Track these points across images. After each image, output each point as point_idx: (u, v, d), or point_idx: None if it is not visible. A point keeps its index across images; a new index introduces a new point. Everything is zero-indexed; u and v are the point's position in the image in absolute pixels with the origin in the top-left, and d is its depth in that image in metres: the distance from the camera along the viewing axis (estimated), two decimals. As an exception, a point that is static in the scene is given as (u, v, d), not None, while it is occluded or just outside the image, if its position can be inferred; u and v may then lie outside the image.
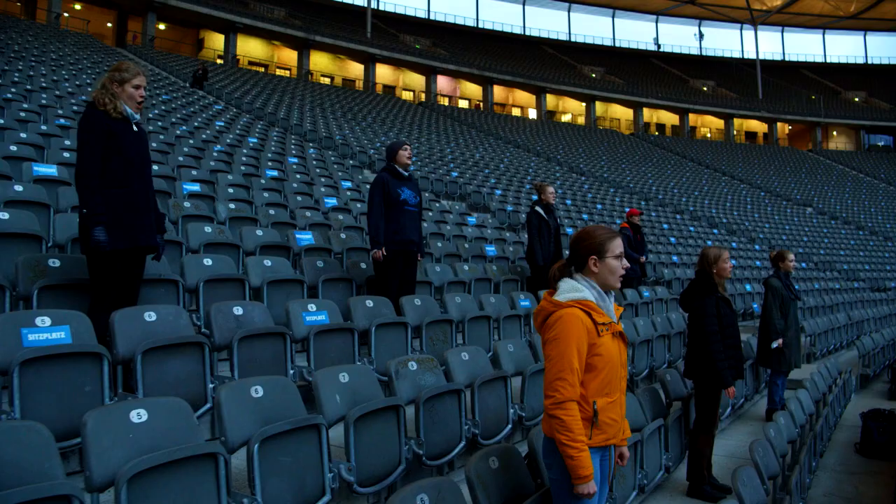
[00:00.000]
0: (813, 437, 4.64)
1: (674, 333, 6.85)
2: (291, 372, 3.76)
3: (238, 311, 3.87)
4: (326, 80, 41.79)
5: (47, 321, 3.09)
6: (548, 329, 2.44)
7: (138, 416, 2.40)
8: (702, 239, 17.97)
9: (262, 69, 39.58)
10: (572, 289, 2.48)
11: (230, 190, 7.91)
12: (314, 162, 12.85)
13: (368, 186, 11.46)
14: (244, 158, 10.97)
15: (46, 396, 2.75)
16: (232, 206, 6.90)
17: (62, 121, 10.16)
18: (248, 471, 2.50)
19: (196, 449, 2.30)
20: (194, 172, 8.53)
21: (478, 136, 31.02)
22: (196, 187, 7.55)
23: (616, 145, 38.58)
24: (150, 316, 3.44)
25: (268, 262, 5.09)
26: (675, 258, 13.49)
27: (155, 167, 8.21)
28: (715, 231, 20.54)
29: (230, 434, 2.64)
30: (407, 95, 44.45)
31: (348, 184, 11.05)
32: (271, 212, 7.19)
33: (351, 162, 14.86)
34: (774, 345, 6.28)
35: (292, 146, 14.60)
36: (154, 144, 10.01)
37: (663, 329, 6.82)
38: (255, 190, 8.52)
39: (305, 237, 6.32)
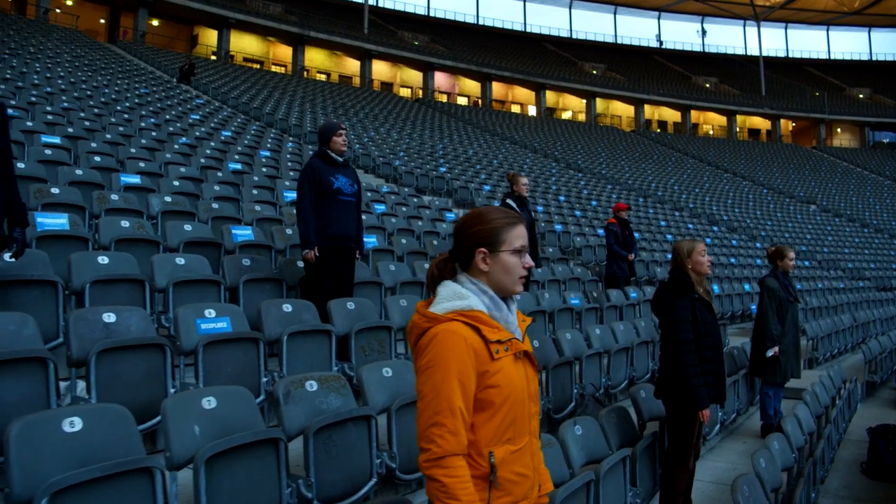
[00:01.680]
0: (812, 463, 3.94)
1: (658, 339, 6.14)
2: (172, 391, 3.08)
3: (109, 317, 3.19)
4: (323, 77, 41.19)
5: None
6: (419, 353, 1.74)
7: None
8: (700, 237, 17.23)
9: (258, 66, 39.03)
10: (454, 295, 1.77)
11: (176, 183, 7.24)
12: (289, 156, 12.17)
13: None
14: (208, 151, 10.31)
15: None
16: (168, 199, 6.22)
17: (11, 111, 9.52)
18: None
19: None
20: (142, 164, 7.86)
21: (474, 132, 30.30)
22: (136, 179, 6.88)
23: (616, 142, 37.83)
24: (-20, 326, 2.76)
25: (180, 261, 4.41)
26: (670, 256, 12.75)
27: (97, 158, 7.61)
28: (715, 228, 19.82)
29: (17, 484, 1.96)
30: (405, 92, 43.75)
31: (319, 177, 10.35)
32: (215, 206, 6.51)
33: (330, 156, 14.14)
34: (769, 353, 5.57)
35: (269, 140, 13.94)
36: (108, 136, 9.38)
37: (647, 334, 6.13)
38: (208, 183, 7.85)
39: (243, 233, 5.64)
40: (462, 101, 46.13)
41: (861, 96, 54.00)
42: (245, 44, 40.43)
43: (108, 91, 14.99)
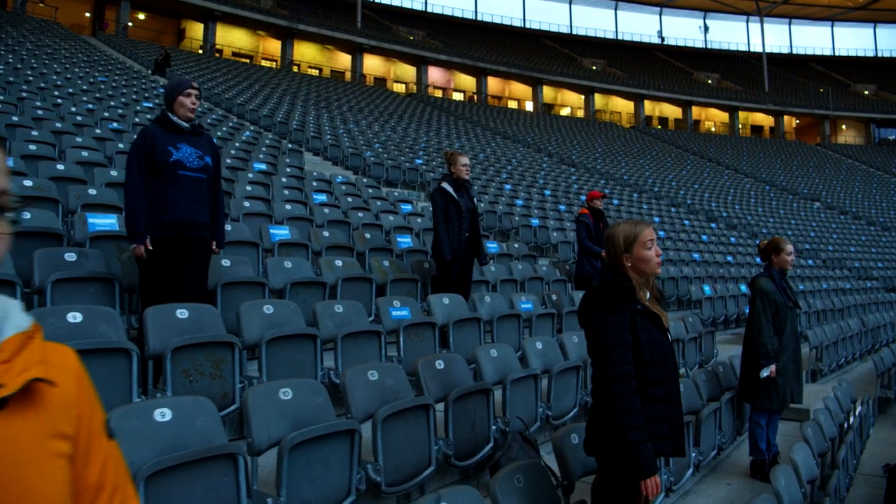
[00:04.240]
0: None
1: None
2: None
3: None
4: (315, 72, 40.20)
5: None
6: None
7: None
8: (696, 234, 16.08)
9: (248, 60, 38.06)
10: None
11: (61, 167, 6.12)
12: (237, 144, 11.03)
13: (287, 168, 9.69)
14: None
15: None
16: (29, 183, 5.11)
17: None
18: None
19: None
20: (33, 147, 6.74)
21: (465, 126, 29.18)
22: (7, 163, 5.75)
23: (614, 138, 36.67)
24: None
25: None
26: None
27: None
28: (713, 225, 18.70)
29: None
30: (399, 88, 42.70)
31: (261, 166, 9.24)
32: (92, 192, 5.39)
33: (290, 145, 13.04)
34: (765, 373, 4.40)
35: (225, 128, 12.81)
36: (15, 119, 8.26)
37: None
38: (108, 168, 6.75)
39: (104, 221, 4.51)
40: (458, 96, 45.06)
41: (866, 93, 52.74)
42: (234, 38, 39.52)
43: (55, 77, 13.90)
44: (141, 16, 37.05)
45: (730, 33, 59.74)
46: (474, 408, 3.19)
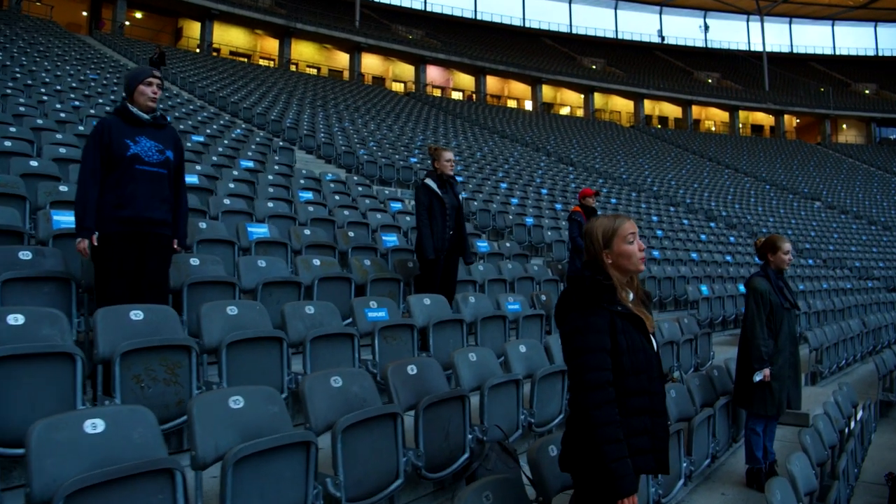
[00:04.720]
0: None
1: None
2: None
3: None
4: (312, 71, 40.02)
5: None
6: None
7: None
8: (695, 233, 15.88)
9: (245, 59, 37.89)
10: None
11: (34, 163, 5.92)
12: (226, 141, 10.83)
13: (275, 166, 9.50)
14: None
15: None
16: (-3, 177, 4.92)
17: None
18: None
19: None
20: (8, 143, 6.55)
21: (463, 125, 28.96)
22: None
23: (614, 137, 36.45)
24: None
25: None
26: (655, 253, 11.40)
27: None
28: (712, 224, 18.50)
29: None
30: (397, 87, 42.48)
31: (248, 163, 9.04)
32: (63, 188, 5.19)
33: (281, 143, 12.83)
34: (758, 377, 4.21)
35: (215, 126, 12.61)
36: (-5, 112, 8.10)
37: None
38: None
39: (68, 219, 4.31)
40: (457, 95, 44.86)
41: (867, 92, 52.50)
42: (232, 37, 39.33)
43: (44, 74, 13.70)
44: (138, 14, 36.86)
45: (730, 32, 59.53)
46: (448, 416, 2.99)
